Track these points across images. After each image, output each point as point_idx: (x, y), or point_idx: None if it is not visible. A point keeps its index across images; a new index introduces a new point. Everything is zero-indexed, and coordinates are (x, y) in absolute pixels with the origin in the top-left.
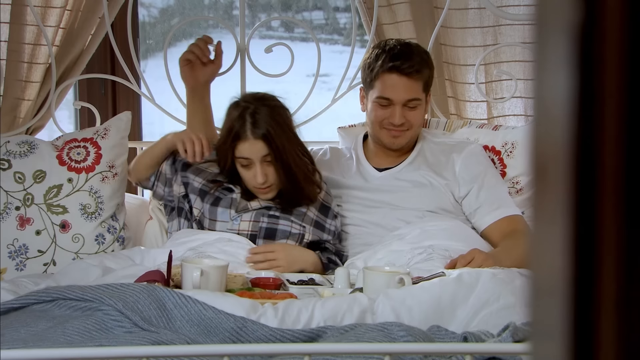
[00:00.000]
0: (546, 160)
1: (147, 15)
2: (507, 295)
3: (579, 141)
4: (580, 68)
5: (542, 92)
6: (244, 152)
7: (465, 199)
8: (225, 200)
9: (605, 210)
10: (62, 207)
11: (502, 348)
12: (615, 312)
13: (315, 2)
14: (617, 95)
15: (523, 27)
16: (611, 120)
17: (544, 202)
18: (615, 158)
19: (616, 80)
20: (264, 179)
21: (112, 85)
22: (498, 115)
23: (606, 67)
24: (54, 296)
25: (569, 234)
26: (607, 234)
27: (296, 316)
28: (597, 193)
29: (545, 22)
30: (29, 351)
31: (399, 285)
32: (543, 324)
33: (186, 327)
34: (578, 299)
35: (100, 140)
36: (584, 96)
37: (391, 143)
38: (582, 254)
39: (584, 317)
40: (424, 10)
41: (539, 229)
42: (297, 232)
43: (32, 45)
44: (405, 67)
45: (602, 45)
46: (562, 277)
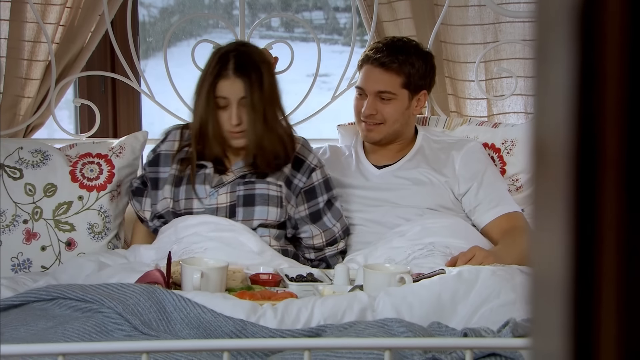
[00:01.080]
0: (546, 151)
1: (147, 15)
2: (508, 291)
3: (579, 133)
4: (581, 50)
5: (544, 78)
6: (223, 90)
7: (465, 196)
8: (198, 177)
9: (606, 203)
10: (70, 224)
11: (502, 343)
12: (615, 310)
13: (315, 2)
14: (618, 84)
15: (523, 25)
16: (612, 107)
17: (543, 196)
18: (616, 149)
19: (617, 65)
20: (238, 121)
21: (112, 84)
22: (498, 113)
23: (607, 50)
24: (54, 295)
25: (569, 230)
26: (608, 228)
27: (296, 315)
28: (597, 186)
29: (547, 7)
30: (28, 346)
31: (400, 284)
32: (543, 320)
33: (185, 330)
34: (578, 295)
35: (115, 159)
36: (585, 82)
37: (365, 136)
38: (583, 250)
39: (584, 313)
40: (424, 7)
41: (539, 225)
42: (275, 194)
43: (32, 42)
44: (380, 57)
45: (602, 27)
46: (562, 273)
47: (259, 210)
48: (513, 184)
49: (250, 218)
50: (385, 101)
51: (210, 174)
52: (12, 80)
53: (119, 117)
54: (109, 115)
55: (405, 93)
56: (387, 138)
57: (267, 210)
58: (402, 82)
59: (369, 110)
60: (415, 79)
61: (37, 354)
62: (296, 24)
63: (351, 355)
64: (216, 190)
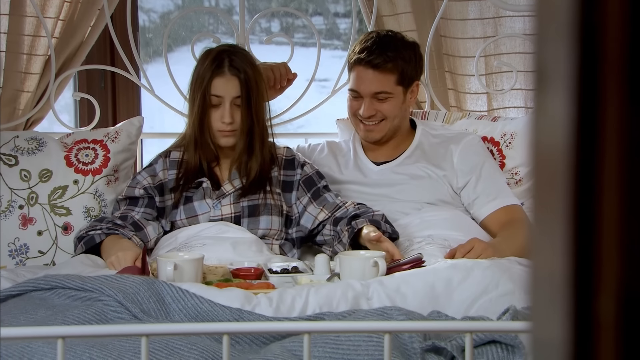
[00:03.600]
0: (546, 151)
1: (148, 20)
2: (506, 282)
3: (578, 134)
4: (580, 49)
5: (544, 78)
6: (217, 88)
7: (463, 189)
8: (197, 193)
9: (605, 202)
10: (65, 208)
11: (502, 326)
12: (615, 308)
13: (315, 7)
14: (617, 83)
15: (523, 18)
16: (612, 106)
17: (543, 193)
18: (616, 151)
19: (617, 65)
20: (230, 119)
21: (112, 79)
22: (498, 108)
23: (607, 49)
24: (53, 284)
25: (569, 226)
26: (607, 224)
27: (290, 304)
28: (596, 184)
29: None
30: (28, 329)
31: (374, 268)
32: (542, 310)
33: (184, 321)
34: (578, 291)
35: (110, 144)
36: (584, 83)
37: (365, 137)
38: (582, 247)
39: (584, 310)
40: (423, 2)
41: (539, 220)
42: (276, 203)
43: (32, 36)
44: (372, 59)
45: (603, 23)
46: (561, 269)
47: (264, 220)
48: (512, 177)
49: (255, 227)
50: (381, 100)
51: (208, 187)
52: (12, 74)
53: (119, 112)
54: (108, 110)
55: (400, 89)
56: (388, 135)
57: (270, 220)
58: (395, 79)
59: (368, 112)
60: (407, 73)
61: (36, 337)
62: (296, 29)
63: (351, 343)
64: (219, 202)
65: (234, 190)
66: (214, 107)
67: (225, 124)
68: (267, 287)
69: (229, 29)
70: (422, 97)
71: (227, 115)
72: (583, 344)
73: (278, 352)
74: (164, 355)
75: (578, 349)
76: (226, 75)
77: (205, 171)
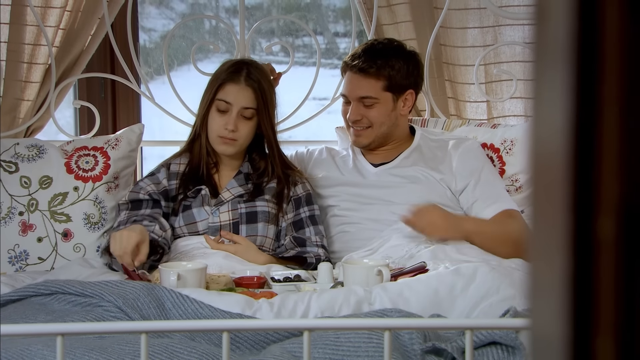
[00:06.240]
0: (545, 156)
1: (149, 41)
2: (507, 287)
3: (577, 136)
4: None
5: (543, 81)
6: (228, 94)
7: (462, 193)
8: (196, 201)
9: (603, 204)
10: (65, 215)
11: (502, 323)
12: (615, 308)
13: (315, 27)
14: (617, 83)
15: (523, 27)
16: (611, 107)
17: (542, 198)
18: (615, 150)
19: (617, 65)
20: (234, 127)
21: (112, 88)
22: (498, 116)
23: (606, 49)
24: (53, 290)
25: (568, 225)
26: (606, 226)
27: (292, 309)
28: (594, 187)
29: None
30: (28, 326)
31: (378, 277)
32: (542, 309)
33: None
34: (577, 292)
35: (110, 151)
36: (584, 84)
37: (354, 142)
38: (581, 246)
39: (584, 309)
40: (423, 10)
41: (537, 223)
42: (273, 211)
43: (32, 45)
44: (357, 64)
45: (601, 28)
46: (561, 270)
47: (262, 227)
48: (512, 184)
49: (254, 234)
50: (369, 106)
51: (206, 194)
52: (12, 83)
53: (119, 120)
54: (108, 119)
55: (389, 96)
56: (376, 141)
57: (267, 228)
58: (382, 85)
59: (353, 116)
60: (397, 80)
61: (36, 333)
62: (296, 48)
63: (351, 344)
64: (217, 208)
65: (232, 197)
66: (221, 112)
67: (228, 131)
68: (270, 296)
69: (229, 27)
70: (422, 105)
71: (232, 123)
72: (583, 343)
73: (278, 353)
74: (164, 358)
75: (577, 347)
76: (240, 84)
77: (204, 178)
